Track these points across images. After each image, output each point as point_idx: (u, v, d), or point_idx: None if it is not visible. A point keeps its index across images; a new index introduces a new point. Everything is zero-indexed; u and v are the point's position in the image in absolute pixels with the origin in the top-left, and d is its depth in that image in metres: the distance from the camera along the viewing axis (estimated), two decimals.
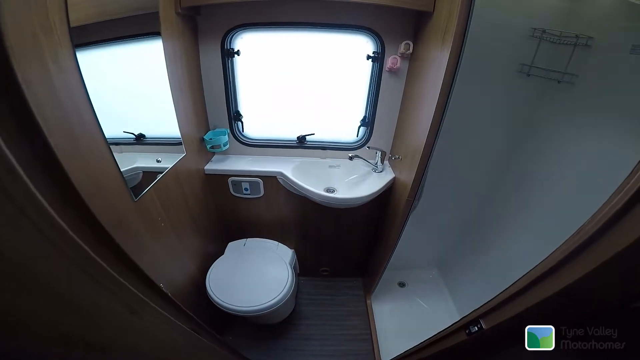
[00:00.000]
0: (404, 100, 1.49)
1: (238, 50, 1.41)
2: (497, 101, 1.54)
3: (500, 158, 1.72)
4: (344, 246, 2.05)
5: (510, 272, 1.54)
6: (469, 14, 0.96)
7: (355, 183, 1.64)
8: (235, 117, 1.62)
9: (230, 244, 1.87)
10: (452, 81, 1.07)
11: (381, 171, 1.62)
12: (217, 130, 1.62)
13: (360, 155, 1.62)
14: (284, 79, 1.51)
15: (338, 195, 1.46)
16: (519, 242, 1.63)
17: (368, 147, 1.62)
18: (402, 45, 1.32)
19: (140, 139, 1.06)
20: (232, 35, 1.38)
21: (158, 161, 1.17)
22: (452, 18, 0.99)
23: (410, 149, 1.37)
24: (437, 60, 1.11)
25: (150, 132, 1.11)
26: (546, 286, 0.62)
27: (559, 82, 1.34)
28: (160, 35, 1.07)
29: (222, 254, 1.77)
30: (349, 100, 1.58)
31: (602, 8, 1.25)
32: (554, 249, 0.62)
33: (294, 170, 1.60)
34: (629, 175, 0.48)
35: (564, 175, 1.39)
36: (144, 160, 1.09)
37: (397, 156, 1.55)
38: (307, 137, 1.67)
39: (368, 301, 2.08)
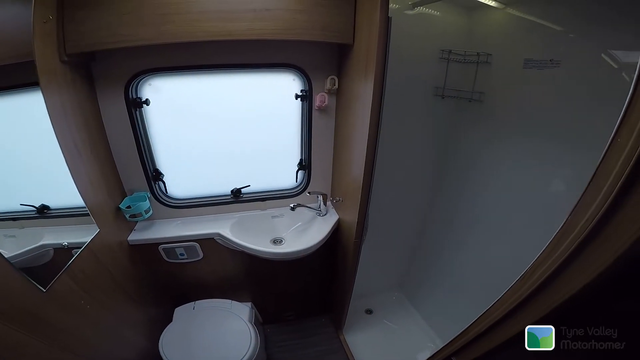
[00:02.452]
0: (336, 138, 1.41)
1: (147, 100, 1.18)
2: (421, 124, 1.58)
3: (434, 176, 1.75)
4: (303, 288, 1.83)
5: (461, 276, 1.65)
6: (386, 45, 0.92)
7: (302, 230, 1.49)
8: (154, 177, 1.34)
9: (177, 309, 1.56)
10: (379, 113, 1.01)
11: (325, 214, 1.49)
12: (135, 195, 1.32)
13: (302, 204, 1.46)
14: (208, 127, 1.31)
15: (286, 248, 1.30)
16: (462, 250, 1.66)
17: (309, 193, 1.47)
18: (328, 81, 1.25)
19: (43, 211, 0.90)
20: (138, 83, 1.16)
21: (64, 246, 0.92)
22: (371, 49, 0.95)
23: (349, 189, 1.29)
24: (363, 94, 1.05)
25: (55, 202, 0.94)
26: (506, 329, 0.68)
27: (469, 100, 1.41)
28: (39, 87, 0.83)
29: (171, 320, 1.49)
30: (283, 144, 1.44)
31: (494, 24, 1.34)
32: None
33: (233, 228, 1.38)
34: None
35: (493, 184, 1.44)
36: (53, 236, 0.91)
37: (338, 198, 1.45)
38: (242, 189, 1.46)
39: (341, 336, 1.90)
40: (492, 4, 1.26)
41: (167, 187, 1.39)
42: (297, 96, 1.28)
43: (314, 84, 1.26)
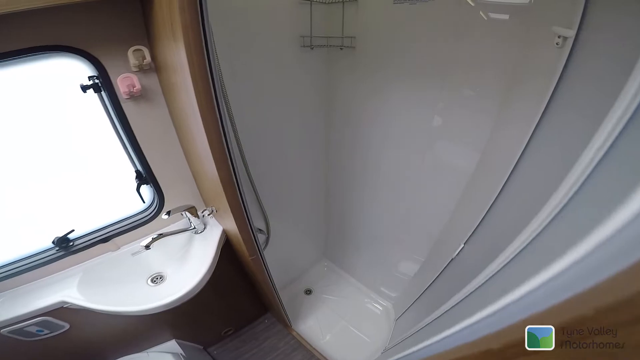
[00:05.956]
0: (178, 130, 0.94)
1: None
2: (294, 83, 1.22)
3: (324, 137, 1.50)
4: (226, 301, 1.49)
5: (372, 227, 1.63)
6: None
7: (182, 257, 1.07)
8: None
9: None
10: (212, 85, 0.63)
11: (204, 229, 1.08)
12: None
13: (164, 233, 0.98)
14: None
15: (171, 296, 0.88)
16: (367, 200, 1.56)
17: (167, 215, 0.96)
18: (131, 55, 0.76)
19: None
20: None
21: None
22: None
23: (214, 194, 0.89)
24: (177, 63, 0.63)
25: None
26: None
27: (341, 48, 1.10)
28: None
29: None
30: (95, 157, 0.93)
31: None
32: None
33: (83, 287, 0.92)
34: None
35: (382, 130, 1.27)
36: None
37: (211, 208, 1.06)
38: (68, 236, 0.94)
39: (293, 332, 1.69)
40: None
41: None
42: (84, 87, 0.76)
43: (108, 65, 0.75)
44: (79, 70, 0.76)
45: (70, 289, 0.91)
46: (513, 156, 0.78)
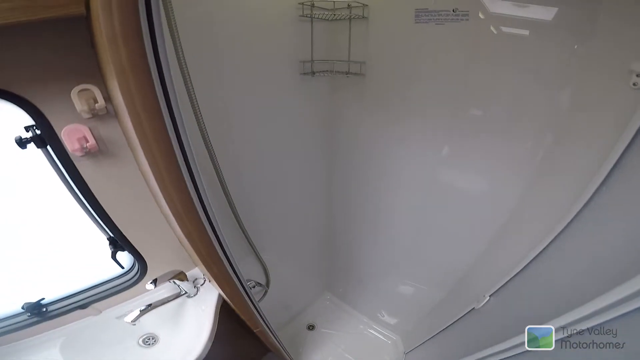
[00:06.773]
0: (152, 189, 0.76)
1: None
2: (293, 117, 1.06)
3: (326, 175, 1.36)
4: (226, 351, 1.31)
5: (373, 259, 1.54)
6: None
7: (175, 322, 0.90)
8: None
9: None
10: (177, 135, 0.47)
11: (196, 293, 0.90)
12: None
13: (152, 304, 0.80)
14: None
15: None
16: (370, 233, 1.46)
17: (153, 284, 0.76)
18: (76, 97, 0.57)
19: None
20: None
21: None
22: (114, 17, 0.34)
23: (197, 260, 0.72)
24: (119, 107, 0.47)
25: None
26: None
27: (346, 75, 0.92)
28: None
29: None
30: (62, 218, 0.75)
31: None
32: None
33: (67, 352, 0.78)
34: None
35: (388, 169, 1.15)
36: None
37: (203, 278, 0.89)
38: (41, 302, 0.76)
39: None
40: None
41: None
42: (23, 142, 0.56)
43: (48, 112, 0.56)
44: (13, 117, 0.57)
45: (51, 350, 0.77)
46: (565, 212, 0.63)
